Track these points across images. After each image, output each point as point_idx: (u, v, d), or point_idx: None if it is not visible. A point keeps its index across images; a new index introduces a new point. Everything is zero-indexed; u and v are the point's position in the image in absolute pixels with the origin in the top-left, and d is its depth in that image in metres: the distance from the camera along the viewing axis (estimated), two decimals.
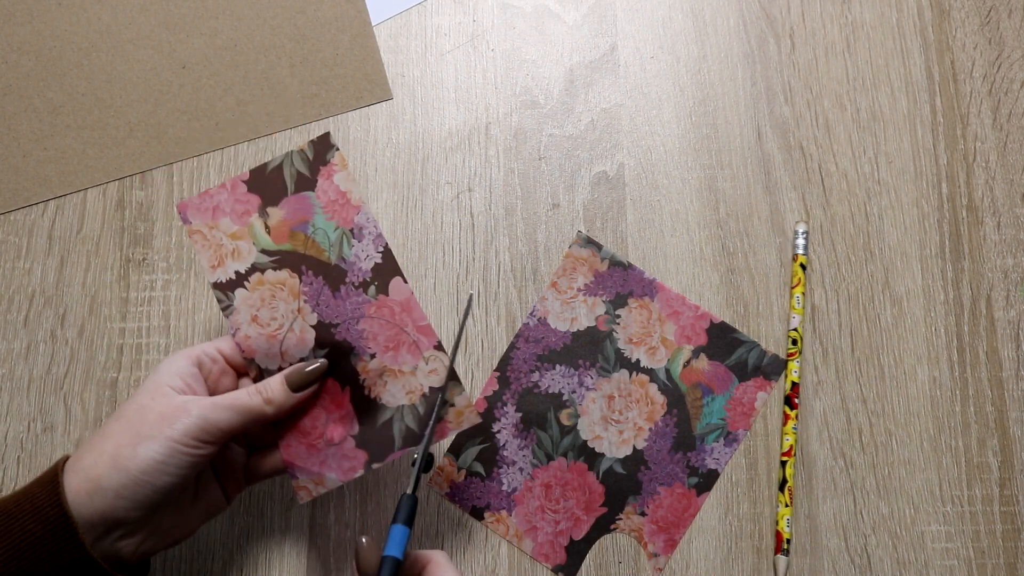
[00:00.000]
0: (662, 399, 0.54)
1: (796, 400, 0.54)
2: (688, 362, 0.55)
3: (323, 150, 0.48)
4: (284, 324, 0.47)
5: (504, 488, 0.53)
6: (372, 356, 0.47)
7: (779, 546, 0.52)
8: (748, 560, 0.52)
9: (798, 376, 0.54)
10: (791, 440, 0.53)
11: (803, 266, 0.56)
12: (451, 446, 0.53)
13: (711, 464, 0.53)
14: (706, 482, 0.53)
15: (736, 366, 0.55)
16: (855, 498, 0.53)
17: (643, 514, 0.53)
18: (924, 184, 0.58)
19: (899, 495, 0.53)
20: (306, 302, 0.47)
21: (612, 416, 0.54)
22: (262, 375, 0.47)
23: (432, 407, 0.46)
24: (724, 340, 0.55)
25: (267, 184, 0.48)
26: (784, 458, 0.53)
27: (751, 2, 0.60)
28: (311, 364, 0.46)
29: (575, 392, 0.54)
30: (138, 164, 0.57)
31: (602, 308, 0.55)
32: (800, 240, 0.56)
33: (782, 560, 0.51)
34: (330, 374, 0.47)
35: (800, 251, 0.56)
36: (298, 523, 0.52)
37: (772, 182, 0.58)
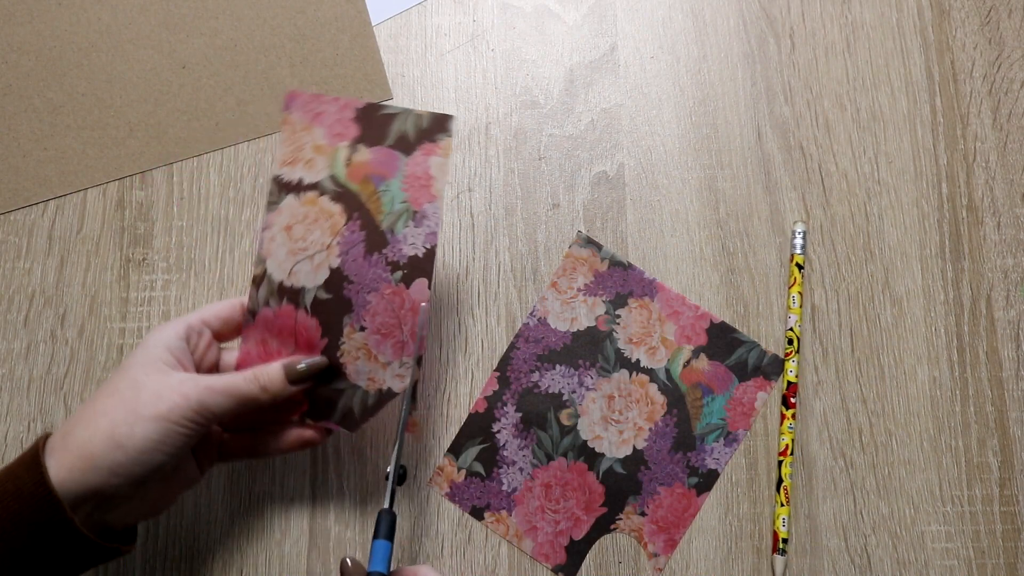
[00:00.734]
0: (662, 399, 0.54)
1: (793, 400, 0.54)
2: (688, 362, 0.55)
3: (438, 128, 0.48)
4: (309, 249, 0.47)
5: (504, 488, 0.53)
6: (362, 328, 0.47)
7: (775, 546, 0.52)
8: (748, 560, 0.52)
9: (795, 376, 0.54)
10: (787, 440, 0.53)
11: (800, 266, 0.56)
12: (451, 446, 0.54)
13: (711, 464, 0.53)
14: (706, 482, 0.53)
15: (736, 366, 0.55)
16: (855, 498, 0.53)
17: (643, 514, 0.53)
18: (924, 184, 0.58)
19: (899, 495, 0.53)
20: (339, 244, 0.47)
21: (612, 416, 0.54)
22: (263, 279, 0.47)
23: (397, 420, 0.47)
24: (724, 340, 0.55)
25: (373, 124, 0.49)
26: (780, 458, 0.53)
27: (751, 2, 0.60)
28: (312, 360, 0.46)
29: (575, 392, 0.54)
30: (138, 164, 0.57)
31: (602, 308, 0.55)
32: (798, 240, 0.56)
33: (779, 560, 0.51)
34: (323, 321, 0.47)
35: (798, 251, 0.56)
36: (298, 523, 0.52)
37: (772, 182, 0.58)
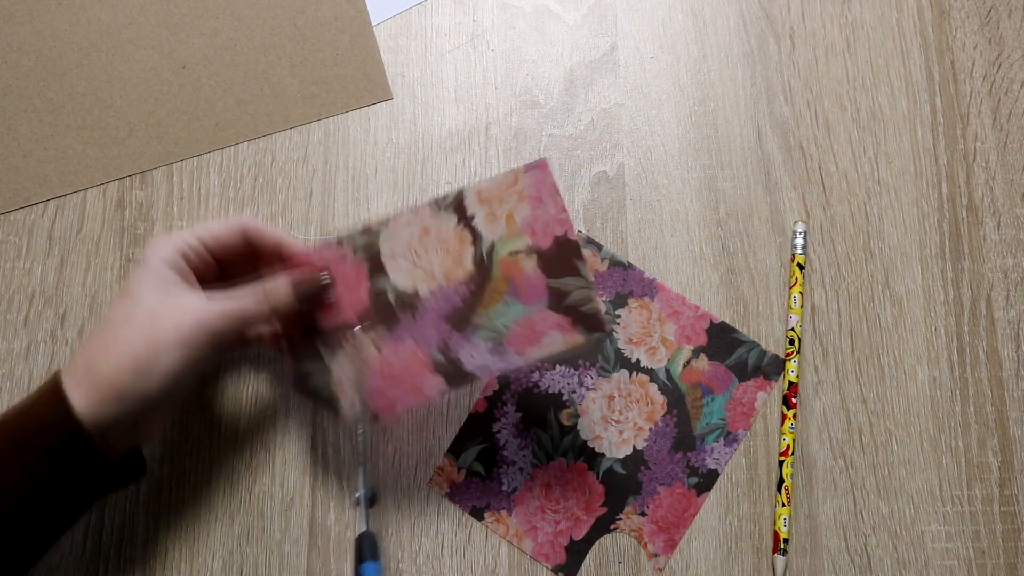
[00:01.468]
0: (662, 399, 0.54)
1: (793, 400, 0.54)
2: (688, 362, 0.55)
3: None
4: (423, 273, 0.47)
5: (504, 488, 0.53)
6: (379, 351, 0.47)
7: (776, 546, 0.52)
8: (748, 560, 0.52)
9: (796, 376, 0.54)
10: (788, 440, 0.53)
11: (801, 266, 0.56)
12: (451, 446, 0.53)
13: (711, 464, 0.53)
14: (706, 482, 0.53)
15: (736, 366, 0.55)
16: (855, 498, 0.53)
17: (643, 514, 0.53)
18: (924, 184, 0.58)
19: (899, 495, 0.53)
20: (439, 293, 0.46)
21: (612, 416, 0.54)
22: (370, 236, 0.47)
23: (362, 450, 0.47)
24: (724, 340, 0.55)
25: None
26: (781, 458, 0.53)
27: (751, 2, 0.60)
28: (320, 276, 0.47)
29: (575, 392, 0.54)
30: (138, 164, 0.57)
31: (602, 308, 0.55)
32: (798, 240, 0.56)
33: (780, 560, 0.51)
34: (376, 307, 0.46)
35: (798, 251, 0.56)
36: (298, 523, 0.52)
37: (772, 182, 0.58)
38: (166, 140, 0.57)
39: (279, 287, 0.45)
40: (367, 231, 0.48)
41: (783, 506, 0.52)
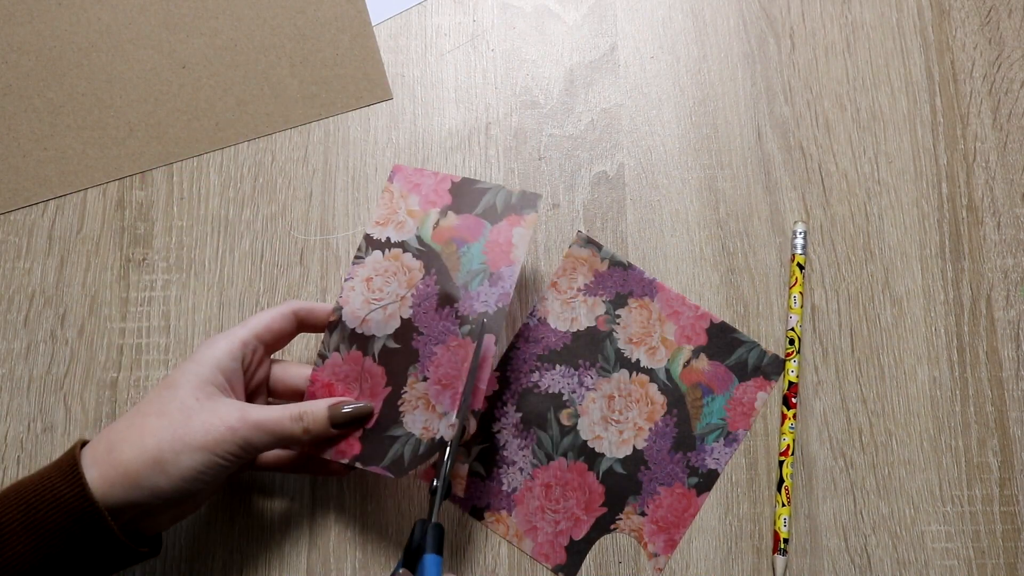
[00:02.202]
0: (662, 399, 0.54)
1: (794, 400, 0.54)
2: (688, 362, 0.55)
3: (527, 204, 0.51)
4: (384, 300, 0.50)
5: (504, 488, 0.53)
6: (424, 379, 0.47)
7: (776, 546, 0.52)
8: (748, 560, 0.52)
9: (796, 376, 0.54)
10: (788, 440, 0.53)
11: (801, 266, 0.56)
12: None
13: (711, 464, 0.53)
14: (706, 482, 0.53)
15: (736, 366, 0.55)
16: (855, 498, 0.53)
17: (643, 514, 0.53)
18: (924, 184, 0.58)
19: (899, 495, 0.53)
20: (412, 296, 0.49)
21: (612, 416, 0.54)
22: (337, 325, 0.49)
23: (446, 446, 0.46)
24: (724, 340, 0.55)
25: (465, 195, 0.52)
26: (781, 458, 0.53)
27: (751, 2, 0.60)
28: (357, 404, 0.47)
29: (575, 392, 0.54)
30: (138, 164, 0.57)
31: (602, 308, 0.55)
32: (798, 240, 0.56)
33: (780, 560, 0.51)
34: (389, 370, 0.48)
35: (798, 251, 0.56)
36: (298, 523, 0.52)
37: (772, 182, 0.58)
38: (166, 140, 0.58)
39: (315, 409, 0.46)
40: (331, 326, 0.50)
41: (783, 506, 0.52)
